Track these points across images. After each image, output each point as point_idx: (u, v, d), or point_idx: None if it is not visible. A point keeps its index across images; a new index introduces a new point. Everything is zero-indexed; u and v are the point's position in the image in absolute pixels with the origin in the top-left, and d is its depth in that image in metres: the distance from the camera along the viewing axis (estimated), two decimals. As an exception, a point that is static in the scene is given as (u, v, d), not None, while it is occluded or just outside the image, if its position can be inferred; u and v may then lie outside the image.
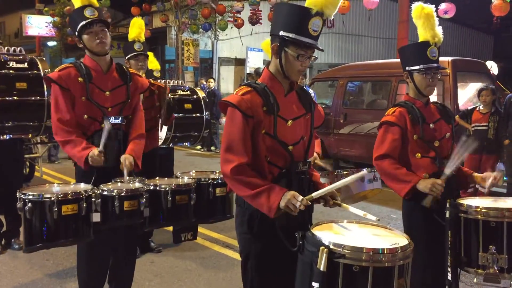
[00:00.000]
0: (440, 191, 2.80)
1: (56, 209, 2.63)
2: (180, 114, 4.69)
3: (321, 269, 1.89)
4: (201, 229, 5.50)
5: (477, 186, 5.69)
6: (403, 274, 1.99)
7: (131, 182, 3.00)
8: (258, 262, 2.30)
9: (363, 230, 2.24)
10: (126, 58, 4.56)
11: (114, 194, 2.80)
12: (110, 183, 2.97)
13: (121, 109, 3.17)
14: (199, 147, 12.38)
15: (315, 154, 3.71)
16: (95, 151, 2.95)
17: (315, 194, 2.22)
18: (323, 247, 1.91)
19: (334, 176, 3.61)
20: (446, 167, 2.86)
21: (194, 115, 4.92)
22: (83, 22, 3.00)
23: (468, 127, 7.08)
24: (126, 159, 3.06)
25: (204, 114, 4.91)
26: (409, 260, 2.01)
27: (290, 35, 2.23)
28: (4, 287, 4.09)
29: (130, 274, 3.40)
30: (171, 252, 4.96)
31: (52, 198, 2.65)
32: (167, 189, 2.95)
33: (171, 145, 4.97)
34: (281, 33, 2.26)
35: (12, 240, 4.87)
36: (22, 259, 4.64)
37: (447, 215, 2.81)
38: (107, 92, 3.13)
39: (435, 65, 2.98)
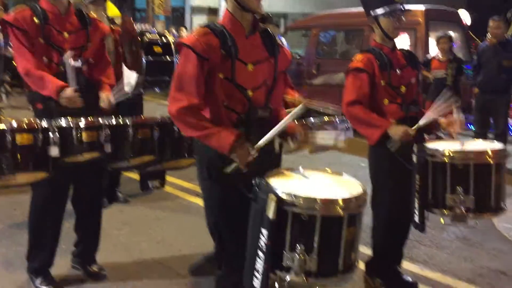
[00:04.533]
0: (408, 139, 2.83)
1: (10, 138, 2.58)
2: (150, 57, 4.53)
3: (270, 216, 1.88)
4: (171, 179, 5.47)
5: (440, 134, 5.76)
6: (354, 223, 1.98)
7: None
8: (219, 207, 2.29)
9: (319, 179, 2.21)
10: (85, 3, 4.36)
11: (71, 125, 2.74)
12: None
13: (80, 52, 3.08)
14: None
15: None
16: (70, 92, 2.86)
17: (261, 142, 2.12)
18: (272, 195, 1.90)
19: (306, 127, 3.57)
20: (422, 118, 2.91)
21: (164, 58, 4.76)
22: None
23: (429, 76, 7.16)
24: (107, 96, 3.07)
25: (175, 57, 4.75)
26: (361, 209, 2.00)
27: None
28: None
29: (98, 221, 3.36)
30: (141, 202, 4.93)
31: (5, 127, 2.59)
32: (128, 122, 2.90)
33: (141, 90, 4.82)
34: None
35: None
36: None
37: (414, 160, 2.86)
38: (66, 34, 3.04)
39: (400, 6, 2.96)
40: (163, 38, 4.73)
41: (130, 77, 4.48)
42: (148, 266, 3.60)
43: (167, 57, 4.64)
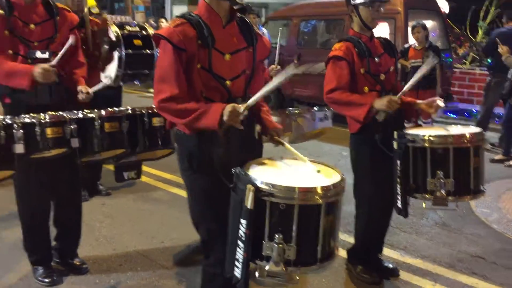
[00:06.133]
0: (395, 107, 2.85)
1: None
2: (130, 51, 4.45)
3: (248, 206, 1.88)
4: (153, 170, 5.46)
5: (419, 122, 5.86)
6: (332, 210, 1.98)
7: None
8: (201, 197, 2.29)
9: (298, 167, 2.20)
10: None
11: (34, 120, 2.68)
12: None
13: (48, 44, 3.01)
14: (152, 90, 12.04)
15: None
16: (44, 64, 2.81)
17: (251, 102, 2.10)
18: (250, 185, 1.90)
19: (285, 116, 3.58)
20: (405, 86, 2.93)
21: (144, 51, 4.70)
22: None
23: (407, 64, 7.22)
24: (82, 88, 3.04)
25: (155, 50, 4.70)
26: (339, 197, 2.00)
27: None
28: None
29: (77, 215, 3.32)
30: (123, 194, 4.90)
31: None
32: (94, 116, 2.84)
33: (121, 83, 4.77)
34: None
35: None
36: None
37: (395, 146, 2.89)
38: (32, 26, 2.96)
39: None
40: (143, 31, 4.65)
41: (109, 69, 4.42)
42: (131, 258, 3.58)
43: (147, 50, 4.58)
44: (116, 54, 4.29)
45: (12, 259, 3.48)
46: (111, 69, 4.47)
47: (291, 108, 3.66)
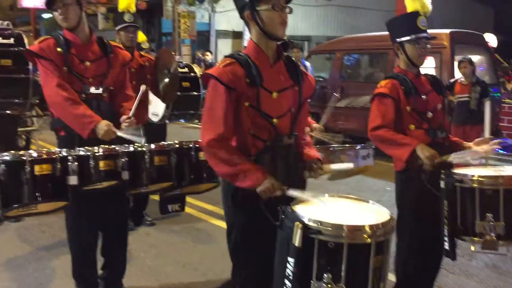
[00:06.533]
0: (430, 166, 2.79)
1: (29, 169, 2.62)
2: (178, 93, 4.61)
3: (296, 244, 1.87)
4: (196, 202, 5.53)
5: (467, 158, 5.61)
6: (382, 250, 1.94)
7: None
8: (242, 234, 2.30)
9: (346, 206, 2.19)
10: (116, 29, 4.49)
11: (89, 153, 2.78)
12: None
13: (101, 80, 3.14)
14: (196, 120, 12.28)
15: (315, 125, 3.68)
16: (109, 125, 2.92)
17: (293, 194, 2.15)
18: (297, 222, 1.89)
19: (329, 152, 3.58)
20: (453, 155, 2.83)
21: (191, 93, 4.85)
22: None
23: (453, 99, 7.09)
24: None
25: (201, 92, 4.83)
26: (389, 236, 1.97)
27: None
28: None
29: (123, 245, 3.38)
30: (166, 225, 4.98)
31: (25, 158, 2.64)
32: (145, 149, 2.93)
33: (166, 121, 4.92)
34: None
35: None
36: (19, 230, 4.64)
37: (442, 186, 2.82)
38: (88, 63, 3.11)
39: (425, 34, 2.97)
40: (191, 72, 4.80)
41: (158, 107, 4.55)
42: (174, 290, 3.62)
43: (194, 92, 4.73)
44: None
45: (61, 287, 3.58)
46: (159, 108, 4.62)
47: (334, 145, 3.65)
